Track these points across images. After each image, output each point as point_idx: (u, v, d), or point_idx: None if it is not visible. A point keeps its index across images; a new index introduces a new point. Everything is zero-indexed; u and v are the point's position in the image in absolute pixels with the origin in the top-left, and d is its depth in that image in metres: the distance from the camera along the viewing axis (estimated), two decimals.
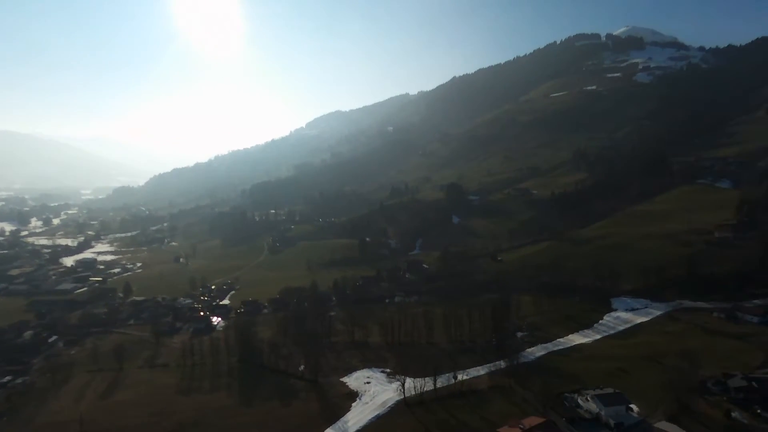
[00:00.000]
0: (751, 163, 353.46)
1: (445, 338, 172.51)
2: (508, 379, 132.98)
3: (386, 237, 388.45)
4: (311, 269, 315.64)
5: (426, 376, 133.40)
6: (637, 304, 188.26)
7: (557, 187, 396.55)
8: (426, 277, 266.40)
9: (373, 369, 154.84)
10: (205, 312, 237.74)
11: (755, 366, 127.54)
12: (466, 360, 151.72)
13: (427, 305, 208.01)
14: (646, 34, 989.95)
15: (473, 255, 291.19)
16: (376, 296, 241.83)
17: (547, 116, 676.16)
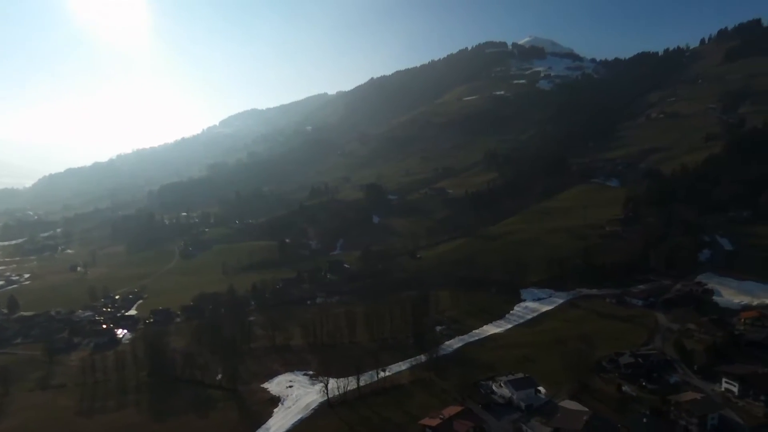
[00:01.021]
0: (635, 164, 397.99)
1: (368, 337, 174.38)
2: (429, 372, 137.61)
3: (307, 238, 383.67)
4: (228, 273, 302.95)
5: (349, 376, 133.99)
6: (542, 294, 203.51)
7: (471, 187, 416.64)
8: (347, 276, 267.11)
9: (295, 372, 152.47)
10: (109, 324, 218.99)
11: (641, 344, 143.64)
12: (388, 357, 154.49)
13: (349, 305, 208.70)
14: (546, 44, 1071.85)
15: (393, 253, 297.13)
16: (297, 298, 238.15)
17: (461, 119, 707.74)
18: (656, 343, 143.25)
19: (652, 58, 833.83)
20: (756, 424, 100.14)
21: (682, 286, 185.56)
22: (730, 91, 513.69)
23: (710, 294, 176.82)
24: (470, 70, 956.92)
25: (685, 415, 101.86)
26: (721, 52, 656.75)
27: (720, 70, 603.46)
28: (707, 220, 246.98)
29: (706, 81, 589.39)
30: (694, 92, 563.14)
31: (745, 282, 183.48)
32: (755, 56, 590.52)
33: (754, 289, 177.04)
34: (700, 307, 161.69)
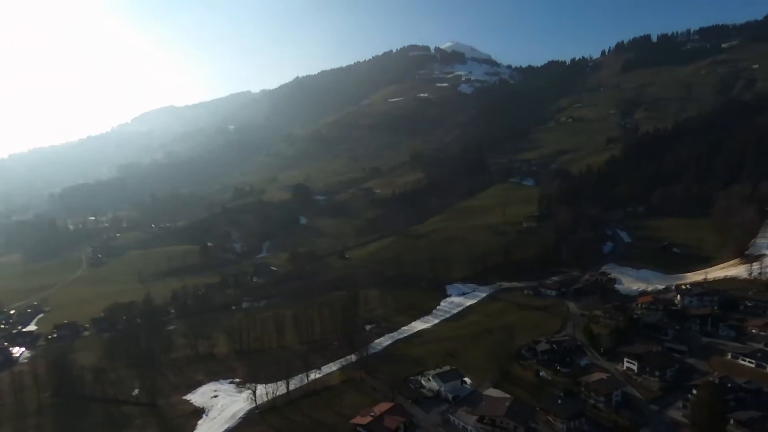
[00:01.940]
0: (547, 165, 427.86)
1: (297, 339, 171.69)
2: (359, 371, 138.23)
3: (231, 241, 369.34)
4: (144, 281, 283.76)
5: (278, 381, 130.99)
6: (466, 288, 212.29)
7: (398, 187, 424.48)
8: (275, 279, 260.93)
9: (220, 381, 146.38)
10: (2, 343, 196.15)
11: (555, 331, 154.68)
12: (318, 358, 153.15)
13: (277, 308, 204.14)
14: (466, 50, 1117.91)
15: (322, 254, 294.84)
16: (222, 304, 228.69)
17: (387, 120, 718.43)
18: (568, 330, 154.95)
19: (560, 66, 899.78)
20: (652, 398, 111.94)
21: (589, 276, 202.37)
22: (626, 99, 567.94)
23: (613, 283, 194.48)
24: (395, 72, 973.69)
25: (594, 393, 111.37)
26: (619, 63, 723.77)
27: (618, 80, 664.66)
28: (609, 215, 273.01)
29: (607, 89, 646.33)
30: (597, 99, 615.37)
31: (642, 270, 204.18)
32: (647, 68, 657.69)
33: (648, 277, 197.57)
34: (605, 295, 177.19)
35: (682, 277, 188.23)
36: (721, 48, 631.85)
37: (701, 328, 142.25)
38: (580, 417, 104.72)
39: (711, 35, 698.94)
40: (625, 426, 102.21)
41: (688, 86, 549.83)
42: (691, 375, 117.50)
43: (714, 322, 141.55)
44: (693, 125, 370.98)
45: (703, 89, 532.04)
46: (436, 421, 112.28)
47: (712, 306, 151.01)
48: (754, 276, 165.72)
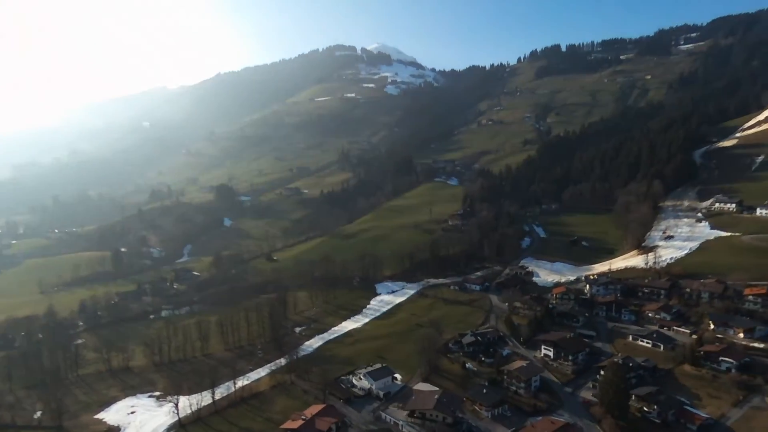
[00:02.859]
0: (470, 165, 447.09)
1: (223, 346, 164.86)
2: (289, 374, 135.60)
3: (147, 245, 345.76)
4: (47, 292, 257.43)
5: (203, 391, 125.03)
6: (395, 286, 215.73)
7: (325, 186, 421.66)
8: (197, 285, 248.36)
9: (138, 396, 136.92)
10: None
11: (480, 324, 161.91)
12: (246, 364, 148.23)
13: (201, 315, 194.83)
14: (392, 52, 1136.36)
15: (248, 257, 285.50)
16: (139, 313, 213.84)
17: (314, 119, 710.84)
18: (492, 322, 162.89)
19: (481, 71, 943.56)
20: (566, 380, 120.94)
21: (509, 270, 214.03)
22: (540, 104, 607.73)
23: (531, 275, 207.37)
24: (321, 71, 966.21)
25: (515, 381, 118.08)
26: (533, 69, 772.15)
27: (532, 85, 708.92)
28: (527, 212, 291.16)
29: (523, 94, 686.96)
30: (514, 103, 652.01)
31: (556, 263, 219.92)
32: (557, 75, 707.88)
33: (562, 269, 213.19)
34: (524, 287, 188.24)
35: (590, 269, 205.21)
36: (620, 59, 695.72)
37: (607, 314, 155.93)
38: (503, 404, 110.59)
39: (611, 47, 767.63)
40: (543, 409, 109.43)
41: (592, 93, 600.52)
42: (599, 357, 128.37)
43: (617, 308, 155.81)
44: (597, 129, 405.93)
45: (606, 96, 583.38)
46: (368, 419, 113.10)
47: (615, 294, 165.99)
48: (650, 265, 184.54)
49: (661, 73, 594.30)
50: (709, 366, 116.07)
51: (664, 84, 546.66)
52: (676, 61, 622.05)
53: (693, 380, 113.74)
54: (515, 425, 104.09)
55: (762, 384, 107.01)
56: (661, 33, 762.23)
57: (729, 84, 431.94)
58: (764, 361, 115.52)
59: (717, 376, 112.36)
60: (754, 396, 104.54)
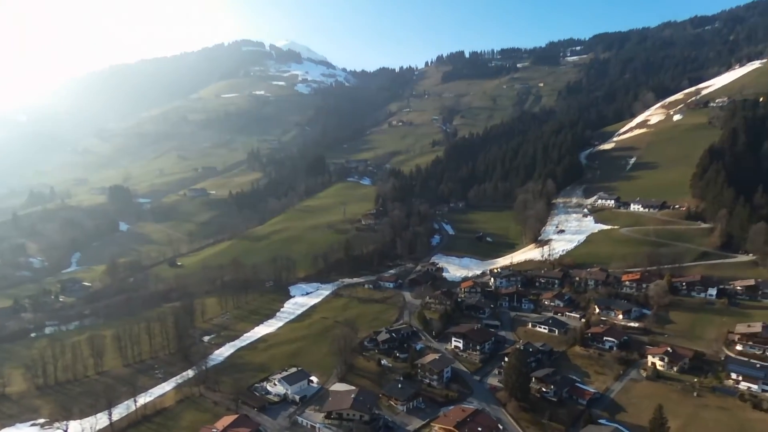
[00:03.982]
0: (382, 165, 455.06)
1: (121, 362, 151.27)
2: (198, 386, 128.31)
3: (26, 255, 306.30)
4: None
5: (99, 412, 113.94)
6: (310, 288, 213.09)
7: (234, 187, 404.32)
8: (89, 296, 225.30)
9: (17, 425, 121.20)
10: None
11: (394, 321, 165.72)
12: (148, 380, 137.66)
13: (94, 329, 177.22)
14: (302, 50, 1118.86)
15: (149, 264, 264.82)
16: (16, 332, 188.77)
17: (220, 116, 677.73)
18: (405, 318, 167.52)
19: (391, 72, 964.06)
20: (475, 369, 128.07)
21: (421, 267, 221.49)
22: (446, 106, 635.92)
23: (441, 271, 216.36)
24: (227, 66, 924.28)
25: (428, 373, 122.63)
26: (440, 74, 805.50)
27: (439, 89, 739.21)
28: (436, 210, 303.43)
29: (430, 97, 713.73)
30: (422, 105, 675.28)
31: (463, 258, 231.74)
32: (462, 80, 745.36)
33: (469, 264, 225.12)
34: (435, 283, 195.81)
35: (494, 262, 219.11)
36: (517, 67, 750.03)
37: (509, 304, 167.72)
38: (417, 397, 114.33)
39: (509, 56, 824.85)
40: (455, 398, 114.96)
41: (493, 98, 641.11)
42: (504, 345, 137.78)
43: (518, 298, 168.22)
44: (498, 132, 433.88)
45: (505, 101, 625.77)
46: (284, 425, 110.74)
47: (516, 285, 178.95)
48: (545, 257, 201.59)
49: (552, 81, 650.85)
50: (595, 346, 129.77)
51: (555, 91, 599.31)
52: (564, 71, 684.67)
53: (583, 360, 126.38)
54: (429, 416, 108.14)
55: (637, 358, 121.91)
56: (552, 45, 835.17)
57: (607, 93, 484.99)
58: (639, 338, 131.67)
59: (602, 354, 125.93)
60: (632, 369, 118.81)
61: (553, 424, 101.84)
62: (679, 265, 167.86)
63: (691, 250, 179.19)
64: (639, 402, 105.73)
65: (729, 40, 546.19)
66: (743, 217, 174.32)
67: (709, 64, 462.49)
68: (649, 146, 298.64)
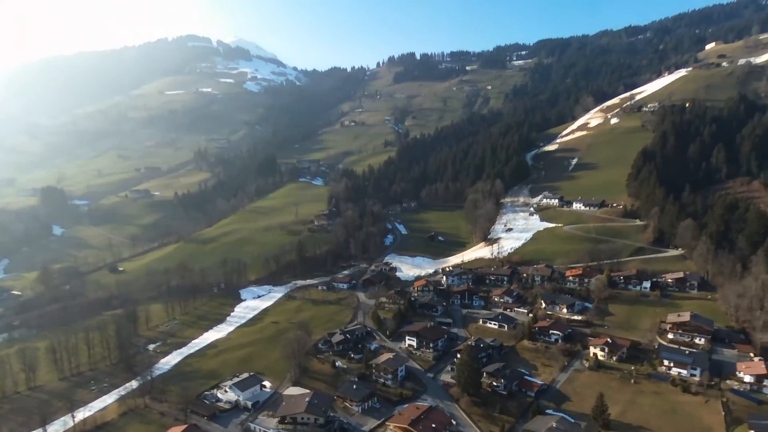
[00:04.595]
0: (334, 165, 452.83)
1: (56, 376, 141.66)
2: (143, 398, 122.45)
3: None
4: None
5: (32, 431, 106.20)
6: (262, 291, 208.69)
7: (180, 188, 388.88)
8: (19, 306, 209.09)
9: None
10: None
11: (348, 322, 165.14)
12: (87, 394, 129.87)
13: (25, 341, 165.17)
14: (251, 47, 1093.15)
15: (87, 270, 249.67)
16: None
17: (164, 114, 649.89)
18: (359, 319, 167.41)
19: (342, 72, 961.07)
20: (428, 367, 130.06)
21: (375, 267, 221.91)
22: (398, 107, 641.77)
23: (395, 271, 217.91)
24: (172, 62, 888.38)
25: (383, 373, 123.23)
26: (391, 74, 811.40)
27: (391, 89, 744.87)
28: (389, 210, 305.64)
29: (382, 97, 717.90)
30: (375, 105, 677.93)
31: (416, 258, 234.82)
32: (413, 81, 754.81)
33: (422, 263, 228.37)
34: (388, 283, 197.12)
35: (446, 261, 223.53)
36: (466, 70, 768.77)
37: (461, 301, 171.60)
38: (372, 397, 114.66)
39: (458, 59, 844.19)
40: (409, 396, 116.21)
41: (444, 99, 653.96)
42: (456, 342, 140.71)
43: (469, 295, 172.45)
44: (448, 133, 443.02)
45: (455, 103, 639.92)
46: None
47: (467, 283, 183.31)
48: (495, 255, 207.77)
49: (500, 84, 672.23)
50: (542, 339, 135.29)
51: (502, 94, 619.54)
52: (510, 75, 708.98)
53: (531, 353, 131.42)
54: (384, 415, 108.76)
55: (581, 350, 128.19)
56: (499, 49, 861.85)
57: (551, 97, 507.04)
58: (582, 331, 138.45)
59: (548, 347, 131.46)
60: (575, 360, 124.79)
61: (504, 417, 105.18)
62: (617, 261, 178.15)
63: (627, 246, 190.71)
64: (582, 391, 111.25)
65: (659, 49, 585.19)
66: (673, 214, 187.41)
67: (642, 70, 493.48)
68: (589, 148, 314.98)
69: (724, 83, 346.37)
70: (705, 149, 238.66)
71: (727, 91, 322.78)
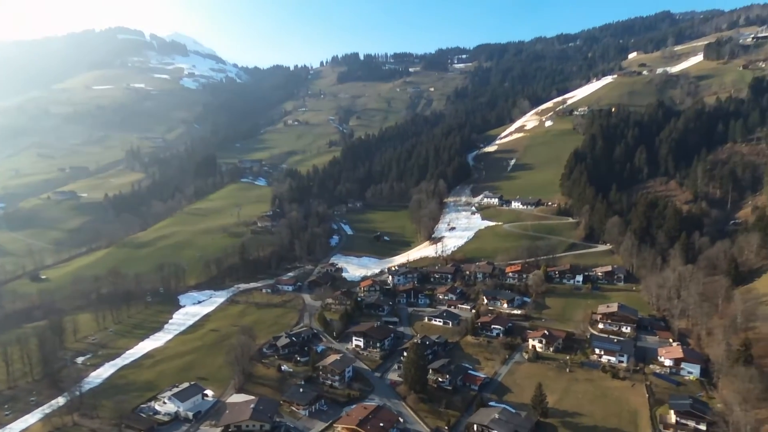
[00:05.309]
0: (278, 165, 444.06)
1: None
2: (70, 415, 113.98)
3: None
4: None
5: None
6: (202, 296, 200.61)
7: (111, 189, 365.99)
8: None
9: None
10: None
11: (294, 324, 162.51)
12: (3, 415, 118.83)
13: None
14: (188, 42, 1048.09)
15: (4, 278, 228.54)
16: None
17: (91, 110, 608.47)
18: (306, 321, 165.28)
19: (285, 71, 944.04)
20: (375, 366, 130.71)
21: (321, 268, 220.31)
22: (342, 107, 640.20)
23: (341, 272, 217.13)
24: (100, 55, 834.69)
25: (330, 375, 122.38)
26: (335, 74, 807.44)
27: (335, 89, 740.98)
28: (334, 211, 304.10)
29: (326, 97, 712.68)
30: (319, 105, 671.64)
31: (362, 258, 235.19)
32: (357, 81, 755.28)
33: (368, 263, 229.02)
34: (335, 284, 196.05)
35: (392, 261, 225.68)
36: (409, 71, 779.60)
37: (407, 300, 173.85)
38: (319, 399, 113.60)
39: (402, 60, 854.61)
40: (357, 396, 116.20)
41: (388, 100, 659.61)
42: (402, 340, 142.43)
43: (415, 294, 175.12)
44: (393, 133, 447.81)
45: (399, 104, 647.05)
46: None
47: (413, 281, 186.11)
48: (439, 254, 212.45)
49: (442, 86, 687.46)
50: (484, 334, 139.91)
51: (444, 96, 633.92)
52: (452, 77, 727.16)
53: (474, 348, 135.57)
54: (332, 417, 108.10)
55: (520, 343, 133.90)
56: (441, 52, 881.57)
57: (490, 100, 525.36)
58: (521, 324, 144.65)
59: (490, 341, 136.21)
60: (516, 353, 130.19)
61: (449, 412, 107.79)
62: (552, 256, 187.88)
63: (562, 242, 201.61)
64: (522, 382, 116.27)
65: (588, 57, 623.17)
66: (601, 212, 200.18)
67: (572, 76, 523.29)
68: (526, 149, 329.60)
69: (645, 90, 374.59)
70: (629, 151, 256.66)
71: (647, 97, 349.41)
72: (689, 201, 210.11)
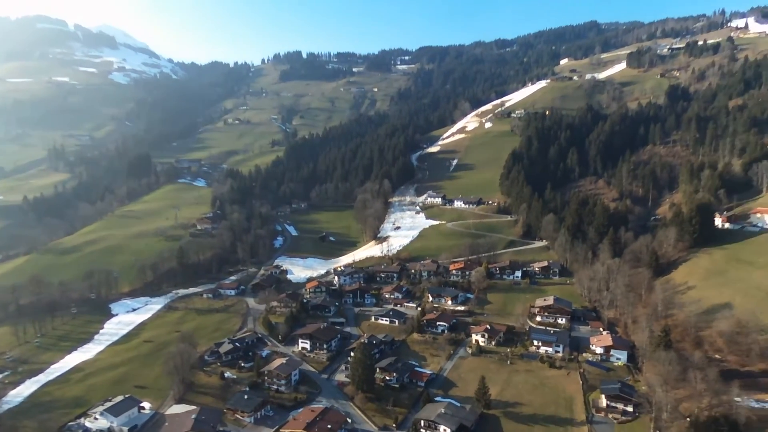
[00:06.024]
0: (218, 165, 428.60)
1: None
2: None
3: None
4: None
5: None
6: (137, 303, 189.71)
7: (31, 191, 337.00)
8: None
9: None
10: None
11: (237, 329, 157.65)
12: None
13: None
14: (118, 34, 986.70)
15: None
16: None
17: (7, 105, 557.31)
18: (249, 325, 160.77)
19: (224, 67, 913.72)
20: (322, 368, 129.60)
21: (265, 271, 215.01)
22: (285, 106, 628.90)
23: (285, 274, 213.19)
24: (16, 45, 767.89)
25: (276, 379, 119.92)
26: (277, 72, 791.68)
27: (277, 88, 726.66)
28: (278, 212, 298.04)
29: (269, 95, 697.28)
30: (261, 104, 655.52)
31: (308, 259, 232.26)
32: (300, 80, 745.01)
33: (314, 264, 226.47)
34: (279, 286, 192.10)
35: (338, 261, 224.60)
36: (353, 71, 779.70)
37: (353, 300, 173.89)
38: (265, 405, 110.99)
39: (345, 60, 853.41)
40: (304, 400, 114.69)
41: (332, 100, 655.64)
42: (349, 341, 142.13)
43: (361, 294, 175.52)
44: (337, 133, 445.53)
45: (343, 104, 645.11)
46: None
47: (359, 281, 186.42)
48: (385, 253, 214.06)
49: (385, 87, 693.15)
50: (430, 331, 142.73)
51: (388, 96, 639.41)
52: (395, 78, 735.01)
53: (420, 345, 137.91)
54: (278, 423, 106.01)
55: (464, 338, 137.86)
56: (384, 53, 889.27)
57: (432, 101, 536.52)
58: (465, 320, 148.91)
59: (436, 338, 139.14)
60: (460, 348, 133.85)
61: (397, 409, 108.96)
62: (493, 253, 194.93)
63: (502, 239, 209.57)
64: (467, 376, 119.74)
65: (524, 62, 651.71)
66: (538, 210, 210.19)
67: (510, 80, 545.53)
68: (467, 150, 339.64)
69: (576, 94, 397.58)
70: (562, 152, 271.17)
71: (578, 101, 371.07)
72: (616, 199, 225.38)
